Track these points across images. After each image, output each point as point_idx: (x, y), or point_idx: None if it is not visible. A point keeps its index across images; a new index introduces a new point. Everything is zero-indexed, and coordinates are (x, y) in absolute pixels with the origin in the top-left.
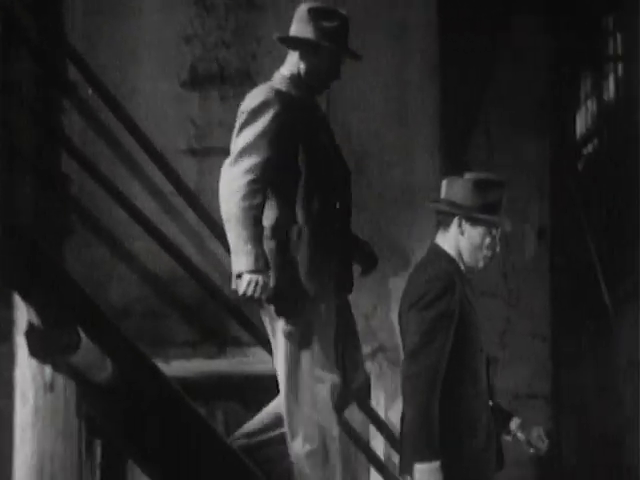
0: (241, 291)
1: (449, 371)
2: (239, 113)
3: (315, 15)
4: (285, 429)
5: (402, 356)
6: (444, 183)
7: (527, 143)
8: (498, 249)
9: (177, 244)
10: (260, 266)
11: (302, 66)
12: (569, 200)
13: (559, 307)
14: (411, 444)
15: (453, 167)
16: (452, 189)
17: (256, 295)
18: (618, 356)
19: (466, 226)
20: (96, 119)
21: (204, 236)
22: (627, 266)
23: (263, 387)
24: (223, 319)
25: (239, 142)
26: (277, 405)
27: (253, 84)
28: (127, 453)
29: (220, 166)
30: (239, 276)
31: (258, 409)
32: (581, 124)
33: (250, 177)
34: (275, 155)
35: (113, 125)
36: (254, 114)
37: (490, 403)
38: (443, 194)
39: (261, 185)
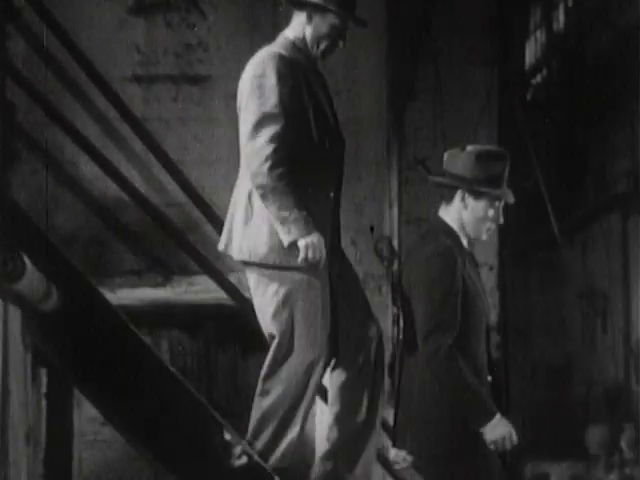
0: (302, 257)
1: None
2: (244, 78)
3: None
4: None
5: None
6: (445, 156)
7: (475, 72)
8: (501, 220)
9: (123, 171)
10: (311, 229)
11: (308, 29)
12: (517, 130)
13: (507, 237)
14: (471, 411)
15: (400, 97)
16: (454, 162)
17: (317, 257)
18: (566, 287)
19: (469, 199)
20: (41, 45)
21: (150, 163)
22: (576, 197)
23: (208, 316)
24: (169, 247)
25: (252, 111)
26: None
27: (199, 11)
28: (73, 382)
29: (165, 93)
30: (293, 244)
31: (204, 338)
32: (530, 54)
33: (274, 145)
34: (289, 121)
35: (58, 51)
36: (260, 80)
37: (489, 378)
38: (445, 166)
39: (285, 152)
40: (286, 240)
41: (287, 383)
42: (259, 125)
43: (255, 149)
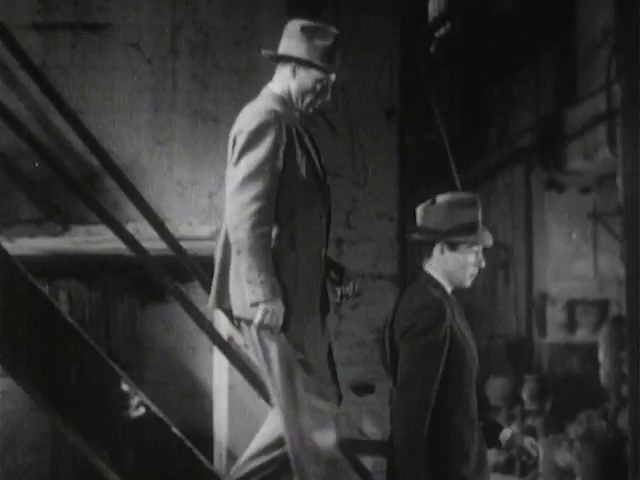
0: (257, 321)
1: (440, 399)
2: (236, 132)
3: (309, 33)
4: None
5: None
6: (418, 212)
7: (377, 23)
8: (483, 264)
9: (22, 120)
10: (275, 295)
11: (293, 84)
12: (420, 83)
13: (407, 187)
14: (402, 472)
15: None
16: (427, 216)
17: (273, 324)
18: None
19: (447, 251)
20: None
21: (49, 112)
22: (479, 150)
23: (107, 266)
24: (68, 197)
25: (242, 167)
26: (275, 428)
27: None
28: None
29: (65, 41)
30: (254, 305)
31: (102, 288)
32: (434, 7)
33: (259, 204)
34: (278, 179)
35: None
36: (255, 136)
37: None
38: (419, 222)
39: (269, 211)
40: (249, 300)
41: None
42: (247, 180)
43: (240, 204)
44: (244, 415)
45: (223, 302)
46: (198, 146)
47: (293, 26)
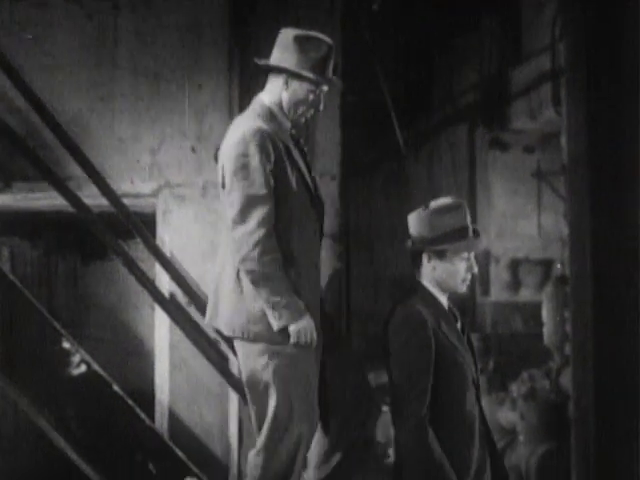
0: (293, 342)
1: (432, 414)
2: (223, 153)
3: (302, 44)
4: None
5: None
6: (409, 219)
7: None
8: (476, 269)
9: None
10: (302, 313)
11: (285, 95)
12: (362, 39)
13: (350, 146)
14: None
15: (242, 5)
16: (414, 223)
17: (308, 341)
18: (411, 198)
19: (434, 259)
20: None
21: None
22: (422, 109)
23: (49, 223)
24: (10, 153)
25: (237, 195)
26: None
27: None
28: None
29: None
30: (282, 329)
31: (44, 246)
32: None
33: (263, 231)
34: (274, 198)
35: None
36: (243, 162)
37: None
38: (410, 229)
39: (273, 235)
40: (276, 325)
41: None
42: (248, 208)
43: (245, 234)
44: (185, 373)
45: (215, 319)
46: (140, 103)
47: (286, 36)
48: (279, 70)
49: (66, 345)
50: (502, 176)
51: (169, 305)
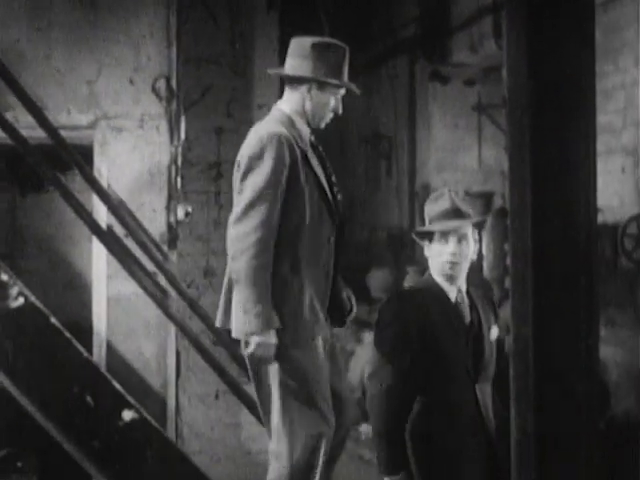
0: (250, 351)
1: (421, 397)
2: (239, 157)
3: (321, 51)
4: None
5: None
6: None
7: None
8: (474, 254)
9: None
10: (269, 327)
11: (307, 103)
12: None
13: None
14: (377, 459)
15: None
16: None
17: (265, 356)
18: (351, 130)
19: (427, 247)
20: None
21: None
22: (362, 41)
23: None
24: None
25: (245, 194)
26: None
27: None
28: None
29: None
30: (248, 336)
31: None
32: None
33: (260, 234)
34: (280, 204)
35: None
36: (255, 162)
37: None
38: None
39: (269, 240)
40: (243, 330)
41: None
42: (249, 208)
43: (240, 233)
44: (123, 305)
45: (227, 322)
46: (77, 33)
47: (301, 44)
48: (304, 80)
49: (3, 277)
50: (442, 109)
51: (107, 237)
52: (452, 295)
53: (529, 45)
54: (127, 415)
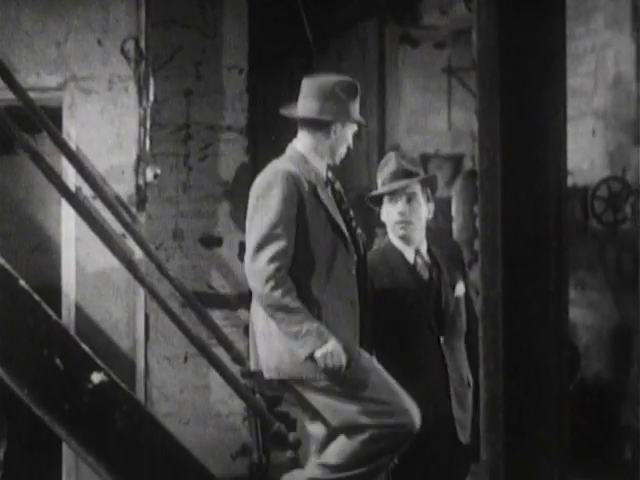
0: (322, 367)
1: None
2: (252, 194)
3: (341, 91)
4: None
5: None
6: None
7: None
8: (425, 206)
9: None
10: (326, 338)
11: (328, 142)
12: None
13: (258, 39)
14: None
15: None
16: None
17: (337, 364)
18: None
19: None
20: None
21: None
22: (332, 3)
23: None
24: None
25: (254, 233)
26: None
27: None
28: None
29: None
30: (309, 358)
31: None
32: None
33: (276, 265)
34: (292, 236)
35: None
36: (262, 200)
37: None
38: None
39: (286, 269)
40: (303, 354)
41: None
42: (260, 247)
43: (256, 271)
44: (92, 267)
45: (257, 363)
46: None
47: (321, 86)
48: (329, 122)
49: None
50: (412, 72)
51: (75, 199)
52: (410, 256)
53: (499, 8)
54: (96, 378)
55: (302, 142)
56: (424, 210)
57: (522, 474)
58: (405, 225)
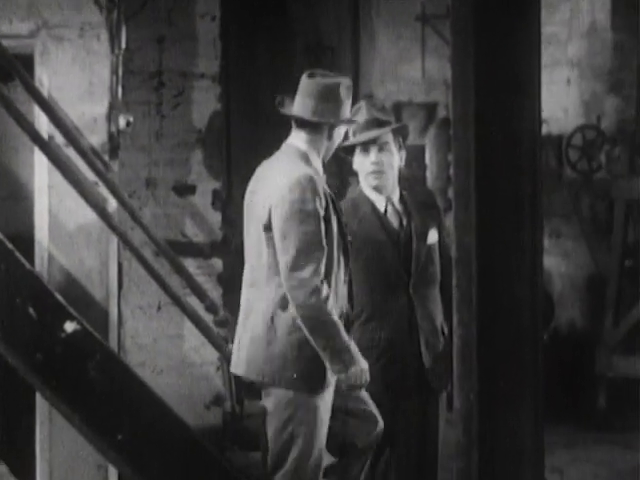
0: (348, 385)
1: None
2: (276, 198)
3: (343, 91)
4: None
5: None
6: None
7: None
8: (397, 155)
9: None
10: (358, 357)
11: (327, 143)
12: None
13: None
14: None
15: None
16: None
17: (361, 383)
18: (293, 41)
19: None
20: None
21: None
22: None
23: None
24: None
25: (293, 241)
26: None
27: None
28: None
29: None
30: (340, 373)
31: None
32: None
33: (320, 277)
34: (324, 244)
35: None
36: (299, 207)
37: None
38: None
39: (323, 279)
40: (336, 370)
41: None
42: (304, 254)
43: (302, 281)
44: (65, 216)
45: (242, 366)
46: None
47: (325, 86)
48: (330, 123)
49: None
50: (386, 20)
51: (48, 147)
52: (381, 205)
53: None
54: (69, 327)
55: (301, 141)
56: (396, 159)
57: (496, 422)
58: (378, 175)
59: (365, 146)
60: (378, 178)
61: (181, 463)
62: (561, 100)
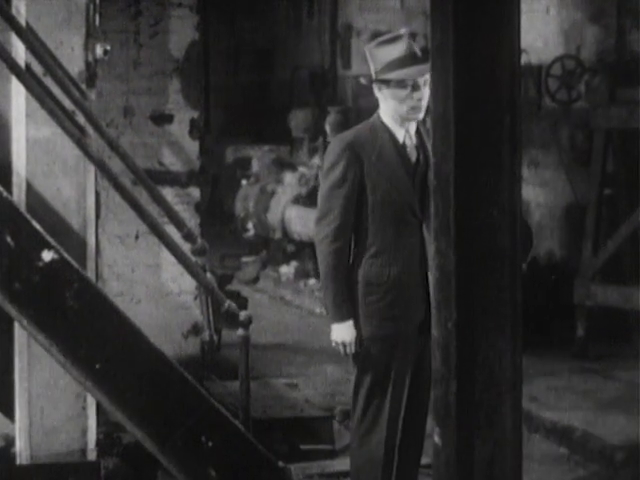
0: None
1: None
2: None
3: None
4: None
5: None
6: None
7: None
8: (418, 95)
9: None
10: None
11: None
12: None
13: None
14: (326, 307)
15: None
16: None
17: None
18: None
19: (383, 90)
20: None
21: None
22: None
23: None
24: None
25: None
26: None
27: None
28: None
29: None
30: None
31: None
32: None
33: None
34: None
35: None
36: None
37: None
38: None
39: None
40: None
41: None
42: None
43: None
44: (42, 145)
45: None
46: None
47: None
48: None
49: None
50: None
51: (25, 76)
52: (400, 136)
53: None
54: (47, 256)
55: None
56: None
57: (474, 352)
58: (416, 110)
59: (402, 80)
60: (415, 113)
61: (159, 392)
62: (541, 30)
